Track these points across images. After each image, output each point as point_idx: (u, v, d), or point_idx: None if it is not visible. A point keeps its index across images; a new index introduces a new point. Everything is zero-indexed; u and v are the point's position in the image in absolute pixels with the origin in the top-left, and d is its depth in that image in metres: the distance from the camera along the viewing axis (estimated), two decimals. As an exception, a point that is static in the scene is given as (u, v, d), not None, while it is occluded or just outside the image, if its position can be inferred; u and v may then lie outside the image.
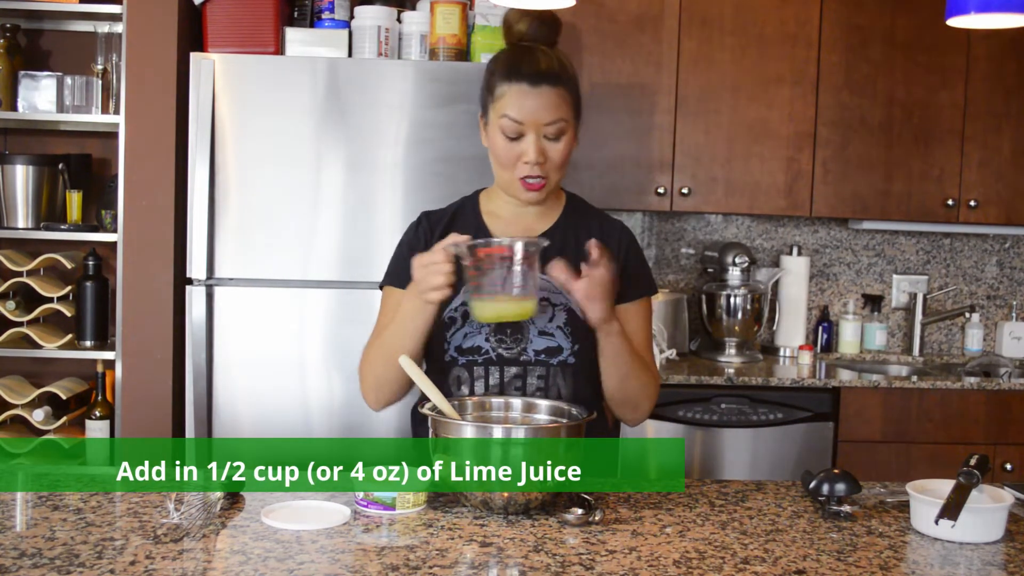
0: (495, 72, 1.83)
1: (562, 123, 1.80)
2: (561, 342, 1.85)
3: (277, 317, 2.94)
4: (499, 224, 1.91)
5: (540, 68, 1.79)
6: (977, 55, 3.55)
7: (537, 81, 1.78)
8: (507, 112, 1.79)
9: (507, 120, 1.79)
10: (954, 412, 3.30)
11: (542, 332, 1.85)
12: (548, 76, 1.79)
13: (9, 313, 3.13)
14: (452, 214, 1.95)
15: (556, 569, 1.40)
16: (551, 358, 1.85)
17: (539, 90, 1.78)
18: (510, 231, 1.90)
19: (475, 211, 1.94)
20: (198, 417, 2.91)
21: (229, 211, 2.92)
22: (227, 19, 3.01)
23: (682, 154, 3.50)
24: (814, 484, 1.73)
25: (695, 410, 3.22)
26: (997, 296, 3.99)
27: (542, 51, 1.83)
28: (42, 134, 3.44)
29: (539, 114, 1.78)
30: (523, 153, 1.80)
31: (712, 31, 3.49)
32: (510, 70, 1.80)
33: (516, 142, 1.80)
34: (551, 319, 1.85)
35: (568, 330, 1.85)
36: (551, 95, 1.78)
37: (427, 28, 3.08)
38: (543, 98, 1.78)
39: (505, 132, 1.80)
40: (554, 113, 1.79)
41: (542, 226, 1.91)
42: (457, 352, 1.85)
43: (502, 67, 1.82)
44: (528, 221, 1.92)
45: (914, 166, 3.57)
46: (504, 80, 1.80)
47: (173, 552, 1.42)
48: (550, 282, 1.84)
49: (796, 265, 3.75)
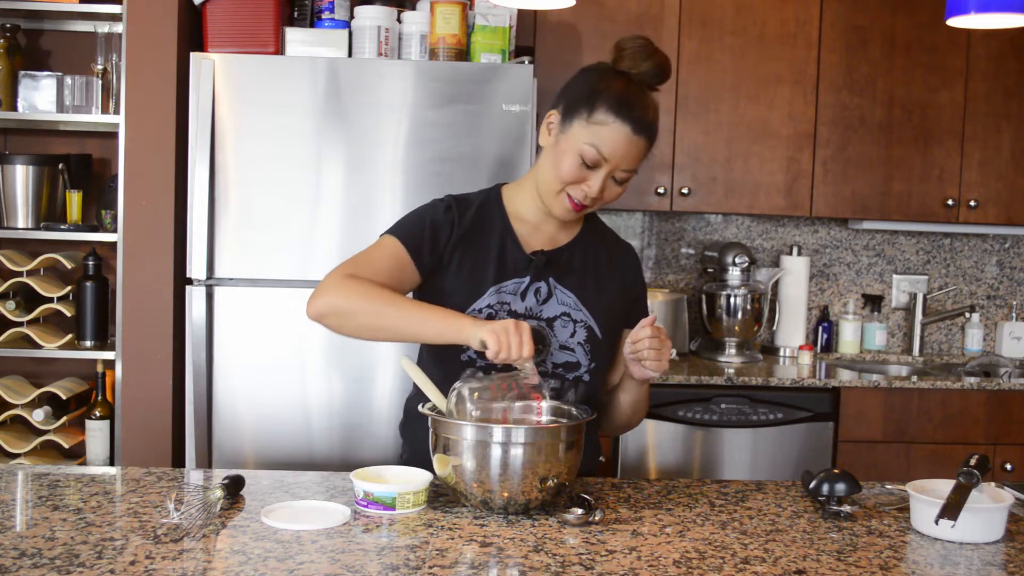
0: (602, 95, 1.78)
1: (634, 173, 1.83)
2: (580, 358, 1.87)
3: (277, 317, 2.93)
4: (525, 229, 1.90)
5: (648, 118, 1.79)
6: (977, 55, 3.56)
7: (640, 130, 1.77)
8: (598, 144, 1.77)
9: (594, 150, 1.77)
10: (954, 412, 3.30)
11: (563, 346, 1.86)
12: (649, 129, 1.79)
13: (9, 313, 3.13)
14: (477, 209, 1.90)
15: (556, 569, 1.40)
16: (568, 372, 1.86)
17: (638, 139, 1.78)
18: (534, 238, 1.90)
19: (501, 211, 1.91)
20: (198, 417, 2.91)
21: (229, 211, 2.92)
22: (227, 19, 3.01)
23: (682, 154, 3.50)
24: (814, 484, 1.73)
25: (695, 410, 3.22)
26: (997, 296, 3.99)
27: (651, 99, 1.82)
28: (42, 134, 3.44)
29: (625, 160, 1.79)
30: (587, 181, 1.79)
31: (712, 31, 3.49)
32: (621, 106, 1.76)
33: (588, 169, 1.79)
34: (572, 334, 1.87)
35: (587, 347, 1.87)
36: (643, 148, 1.80)
37: (427, 28, 3.08)
38: (635, 147, 1.78)
39: (584, 158, 1.78)
40: (635, 163, 1.81)
41: (564, 238, 1.93)
42: (477, 354, 1.81)
43: (614, 98, 1.77)
44: (551, 231, 1.92)
45: (914, 166, 3.57)
46: (611, 112, 1.76)
47: (173, 552, 1.42)
48: (571, 298, 1.86)
49: (796, 265, 3.75)
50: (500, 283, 1.85)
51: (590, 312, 1.88)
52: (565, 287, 1.88)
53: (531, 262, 1.87)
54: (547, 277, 1.87)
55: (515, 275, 1.86)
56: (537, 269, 1.86)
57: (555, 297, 1.87)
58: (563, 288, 1.88)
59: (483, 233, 1.88)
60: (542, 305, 1.86)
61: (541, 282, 1.87)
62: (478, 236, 1.88)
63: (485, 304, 1.83)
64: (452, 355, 1.83)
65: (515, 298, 1.85)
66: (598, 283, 1.92)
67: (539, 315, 1.86)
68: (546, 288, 1.87)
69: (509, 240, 1.88)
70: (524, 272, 1.87)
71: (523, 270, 1.87)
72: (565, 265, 1.90)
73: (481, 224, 1.89)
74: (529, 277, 1.86)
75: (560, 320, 1.86)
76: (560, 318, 1.86)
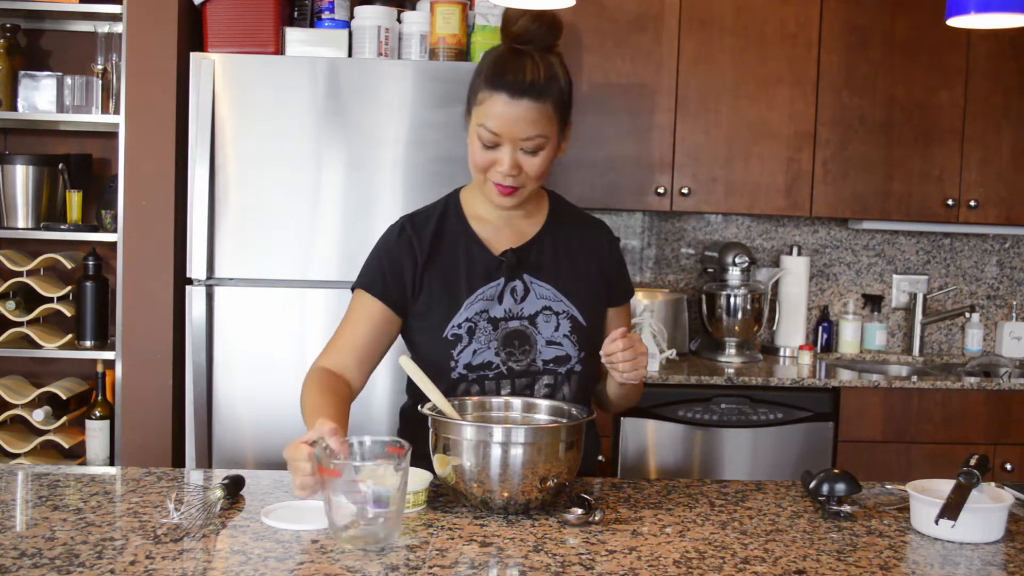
0: (480, 74, 1.75)
1: (540, 139, 1.72)
2: (569, 351, 1.85)
3: (277, 317, 2.94)
4: (488, 230, 1.87)
5: (524, 79, 1.70)
6: (977, 55, 3.56)
7: (519, 94, 1.69)
8: (484, 122, 1.72)
9: (484, 130, 1.72)
10: (954, 412, 3.30)
11: (550, 342, 1.84)
12: (531, 89, 1.69)
13: (9, 313, 3.13)
14: (438, 219, 1.88)
15: (556, 569, 1.40)
16: (560, 367, 1.84)
17: (519, 103, 1.69)
18: (499, 237, 1.86)
19: (461, 218, 1.88)
20: (198, 417, 2.91)
21: (229, 211, 2.92)
22: (227, 19, 3.01)
23: (682, 154, 3.50)
24: (814, 484, 1.73)
25: (695, 410, 3.22)
26: (997, 296, 3.99)
27: (531, 58, 1.72)
28: (42, 134, 3.44)
29: (516, 129, 1.71)
30: (497, 162, 1.74)
31: (712, 31, 3.49)
32: (494, 76, 1.71)
33: (491, 150, 1.74)
34: (556, 328, 1.84)
35: (574, 338, 1.85)
36: (531, 110, 1.70)
37: (427, 28, 3.08)
38: (522, 112, 1.70)
39: (482, 140, 1.74)
40: (532, 129, 1.71)
41: (530, 230, 1.88)
42: (467, 369, 1.81)
43: (487, 71, 1.73)
44: (516, 225, 1.88)
45: (914, 166, 3.57)
46: (486, 86, 1.72)
47: (173, 552, 1.42)
48: (549, 291, 1.85)
49: (796, 265, 3.75)
50: (474, 292, 1.82)
51: (571, 300, 1.85)
52: (541, 280, 1.85)
53: (501, 263, 1.83)
54: (521, 275, 1.84)
55: (488, 280, 1.83)
56: (509, 269, 1.83)
57: (533, 292, 1.84)
58: (539, 282, 1.85)
59: (447, 246, 1.85)
60: (521, 304, 1.83)
61: (516, 281, 1.84)
62: (442, 250, 1.85)
63: (463, 319, 1.81)
64: (443, 371, 1.82)
65: (492, 303, 1.82)
66: (573, 268, 1.88)
67: (519, 314, 1.82)
68: (522, 286, 1.84)
69: (475, 246, 1.85)
70: (497, 275, 1.83)
71: (495, 273, 1.83)
72: (537, 258, 1.86)
73: (443, 237, 1.86)
74: (503, 279, 1.83)
75: (542, 315, 1.83)
76: (542, 313, 1.83)
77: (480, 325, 1.81)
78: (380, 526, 1.44)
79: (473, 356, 1.81)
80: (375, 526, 1.44)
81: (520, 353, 1.83)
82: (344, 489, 1.43)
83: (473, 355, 1.81)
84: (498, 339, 1.81)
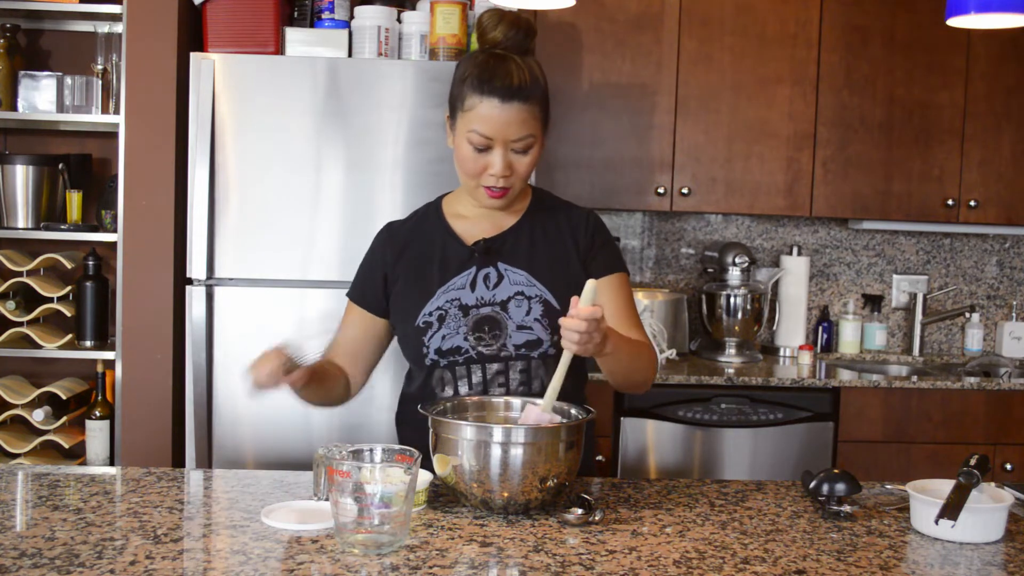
0: (466, 81, 1.80)
1: (530, 139, 1.80)
2: (540, 334, 1.85)
3: (277, 317, 2.93)
4: (465, 224, 1.92)
5: (512, 83, 1.76)
6: (977, 55, 3.56)
7: (508, 97, 1.76)
8: (476, 127, 1.78)
9: (475, 135, 1.78)
10: (954, 412, 3.30)
11: (520, 326, 1.85)
12: (519, 92, 1.76)
13: (9, 313, 3.13)
14: (417, 219, 1.98)
15: (556, 569, 1.40)
16: (532, 351, 1.86)
17: (510, 106, 1.76)
18: (475, 230, 1.91)
19: (439, 216, 1.95)
20: (198, 417, 2.91)
21: (229, 211, 2.92)
22: (227, 19, 3.01)
23: (682, 154, 3.50)
24: (814, 484, 1.73)
25: (695, 410, 3.22)
26: (997, 296, 3.99)
27: (515, 63, 1.79)
28: (42, 134, 3.44)
29: (509, 131, 1.77)
30: (489, 165, 1.80)
31: (712, 31, 3.49)
32: (482, 83, 1.77)
33: (483, 153, 1.80)
34: (528, 312, 1.86)
35: (545, 321, 1.86)
36: (521, 111, 1.77)
37: (427, 28, 3.08)
38: (513, 114, 1.77)
39: (473, 144, 1.79)
40: (523, 129, 1.78)
41: (508, 221, 1.92)
42: (437, 354, 1.86)
43: (474, 78, 1.78)
44: (496, 218, 1.92)
45: (914, 166, 3.57)
46: (475, 92, 1.77)
47: (173, 552, 1.42)
48: (523, 276, 1.86)
49: (796, 265, 3.75)
50: (447, 282, 1.88)
51: (544, 285, 1.87)
52: (515, 266, 1.88)
53: (474, 253, 1.88)
54: (495, 262, 1.88)
55: (461, 270, 1.88)
56: (481, 256, 1.88)
57: (506, 279, 1.87)
58: (513, 268, 1.88)
59: (422, 242, 1.93)
60: (494, 290, 1.87)
61: (489, 268, 1.88)
62: (417, 247, 1.93)
63: (435, 307, 1.87)
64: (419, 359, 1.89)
65: (464, 291, 1.87)
66: (550, 253, 1.90)
67: (492, 301, 1.86)
68: (495, 273, 1.88)
69: (450, 239, 1.91)
70: (469, 264, 1.88)
71: (467, 262, 1.89)
72: (513, 246, 1.90)
73: (419, 235, 1.94)
74: (475, 267, 1.88)
75: (514, 301, 1.86)
76: (514, 299, 1.86)
77: (451, 312, 1.86)
78: (387, 530, 1.44)
79: (443, 341, 1.86)
80: (382, 529, 1.44)
81: (490, 338, 1.85)
82: (352, 491, 1.43)
83: (443, 340, 1.86)
84: (468, 325, 1.85)
